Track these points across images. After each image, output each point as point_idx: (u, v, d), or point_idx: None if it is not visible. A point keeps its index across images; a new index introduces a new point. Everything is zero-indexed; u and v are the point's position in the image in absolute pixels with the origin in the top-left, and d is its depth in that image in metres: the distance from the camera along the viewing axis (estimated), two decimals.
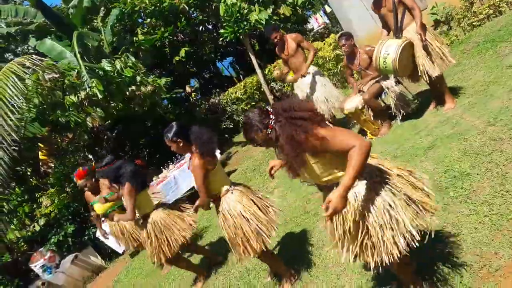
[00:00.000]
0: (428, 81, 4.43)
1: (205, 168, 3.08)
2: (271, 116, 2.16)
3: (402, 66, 4.25)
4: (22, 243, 8.50)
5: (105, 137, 9.30)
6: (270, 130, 2.15)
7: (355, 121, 5.28)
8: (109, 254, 7.57)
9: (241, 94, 11.05)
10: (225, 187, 3.21)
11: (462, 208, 2.81)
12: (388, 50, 4.15)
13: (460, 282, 2.25)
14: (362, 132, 5.33)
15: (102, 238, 6.66)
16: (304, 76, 5.47)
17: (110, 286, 6.05)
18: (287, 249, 3.84)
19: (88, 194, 5.34)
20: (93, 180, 5.23)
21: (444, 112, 4.46)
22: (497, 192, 2.74)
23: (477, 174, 3.05)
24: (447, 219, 2.80)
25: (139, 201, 3.89)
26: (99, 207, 5.04)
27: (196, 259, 4.84)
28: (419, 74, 4.42)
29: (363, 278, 2.79)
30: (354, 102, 5.02)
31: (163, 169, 7.91)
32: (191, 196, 6.82)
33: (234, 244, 3.14)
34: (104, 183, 4.98)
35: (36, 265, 7.11)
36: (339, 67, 8.14)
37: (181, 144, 3.22)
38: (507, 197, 2.65)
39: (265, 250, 3.15)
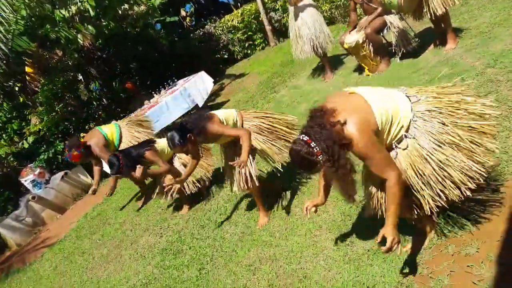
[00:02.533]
0: (433, 18, 4.30)
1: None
2: (312, 144, 1.84)
3: (407, 2, 4.10)
4: (12, 159, 8.55)
5: (96, 57, 9.04)
6: (321, 156, 1.84)
7: (353, 56, 5.18)
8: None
9: (238, 23, 10.66)
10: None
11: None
12: None
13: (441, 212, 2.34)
14: (360, 68, 5.26)
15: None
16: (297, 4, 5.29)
17: (99, 202, 6.20)
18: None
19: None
20: (89, 155, 4.76)
21: (445, 52, 4.39)
22: None
23: None
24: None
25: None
26: None
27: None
28: (424, 10, 4.27)
29: (347, 205, 2.89)
30: (355, 36, 4.89)
31: (155, 94, 7.81)
32: None
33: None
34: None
35: (26, 180, 7.20)
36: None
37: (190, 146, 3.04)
38: (496, 136, 2.68)
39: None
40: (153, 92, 7.96)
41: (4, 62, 6.37)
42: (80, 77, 9.10)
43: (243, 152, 2.92)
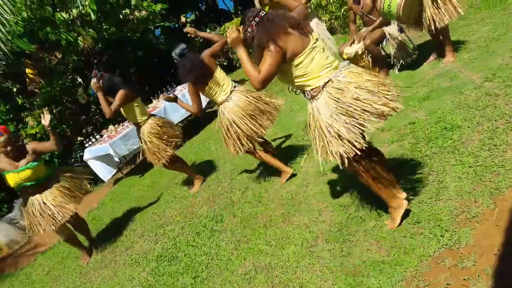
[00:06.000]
0: (432, 31, 4.34)
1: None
2: (256, 18, 2.34)
3: (406, 12, 4.13)
4: None
5: (95, 60, 9.04)
6: (250, 29, 2.35)
7: None
8: (94, 179, 7.63)
9: (240, 20, 10.72)
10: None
11: (449, 158, 2.87)
12: None
13: (439, 225, 2.34)
14: None
15: (89, 163, 6.70)
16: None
17: (94, 208, 6.17)
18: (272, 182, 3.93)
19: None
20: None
21: (443, 65, 4.42)
22: (485, 145, 2.79)
23: (468, 127, 3.09)
24: (432, 167, 2.87)
25: (133, 108, 4.39)
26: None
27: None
28: (423, 22, 4.31)
29: (345, 215, 2.89)
30: (354, 47, 4.92)
31: (153, 100, 7.81)
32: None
33: (227, 139, 3.69)
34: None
35: None
36: (342, 10, 7.89)
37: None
38: (494, 150, 2.70)
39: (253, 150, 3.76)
40: (151, 98, 7.96)
41: (4, 63, 6.36)
42: (79, 80, 9.10)
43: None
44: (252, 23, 2.34)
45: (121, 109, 4.37)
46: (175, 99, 3.91)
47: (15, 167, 3.79)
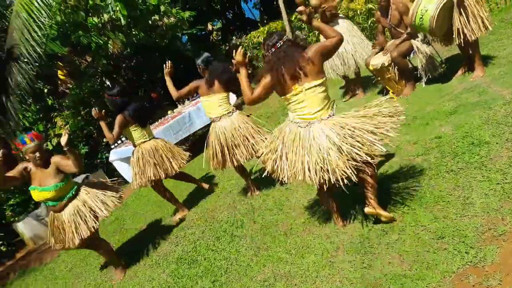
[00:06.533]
0: (461, 45, 4.29)
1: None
2: (272, 49, 2.75)
3: (438, 26, 4.10)
4: None
5: (124, 65, 9.28)
6: (267, 54, 2.77)
7: (378, 78, 5.18)
8: (118, 181, 7.77)
9: (263, 39, 10.80)
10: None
11: (476, 174, 2.82)
12: (427, 7, 3.99)
13: (463, 242, 2.31)
14: (384, 90, 5.25)
15: (114, 164, 6.85)
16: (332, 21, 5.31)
17: (117, 208, 6.27)
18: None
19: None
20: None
21: (472, 79, 4.35)
22: None
23: (497, 143, 3.03)
24: (458, 182, 2.83)
25: (130, 132, 4.47)
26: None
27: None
28: (453, 36, 4.26)
29: (367, 227, 2.87)
30: (381, 58, 4.91)
31: (179, 105, 7.94)
32: (203, 136, 6.89)
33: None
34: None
35: None
36: (369, 22, 7.87)
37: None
38: None
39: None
40: (177, 103, 8.09)
41: (37, 64, 6.59)
42: (107, 83, 9.33)
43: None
44: (268, 51, 2.77)
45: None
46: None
47: (38, 183, 3.64)
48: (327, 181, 2.56)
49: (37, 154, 3.59)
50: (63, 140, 3.51)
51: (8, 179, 3.55)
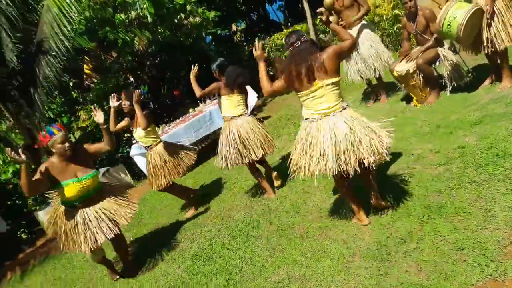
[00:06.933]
0: (489, 54, 4.21)
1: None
2: (291, 48, 2.97)
3: (466, 34, 4.03)
4: None
5: (148, 62, 9.41)
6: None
7: (402, 85, 5.12)
8: (138, 175, 7.89)
9: (284, 38, 10.80)
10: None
11: (500, 186, 2.76)
12: (456, 14, 3.93)
13: (484, 255, 2.27)
14: (408, 97, 5.18)
15: (134, 158, 6.96)
16: (350, 28, 5.33)
17: (135, 202, 6.37)
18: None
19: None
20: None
21: (499, 90, 4.26)
22: None
23: None
24: (480, 194, 2.78)
25: (154, 128, 4.76)
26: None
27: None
28: (482, 45, 4.18)
29: (384, 235, 2.85)
30: (406, 65, 4.85)
31: (200, 103, 8.01)
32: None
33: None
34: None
35: None
36: (395, 28, 7.78)
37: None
38: None
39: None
40: (199, 101, 8.16)
41: (65, 58, 6.76)
42: (131, 80, 9.49)
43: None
44: (289, 49, 3.00)
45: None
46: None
47: (74, 175, 3.45)
48: (346, 170, 2.73)
49: (67, 144, 3.40)
50: (100, 117, 3.56)
51: (38, 182, 3.29)
